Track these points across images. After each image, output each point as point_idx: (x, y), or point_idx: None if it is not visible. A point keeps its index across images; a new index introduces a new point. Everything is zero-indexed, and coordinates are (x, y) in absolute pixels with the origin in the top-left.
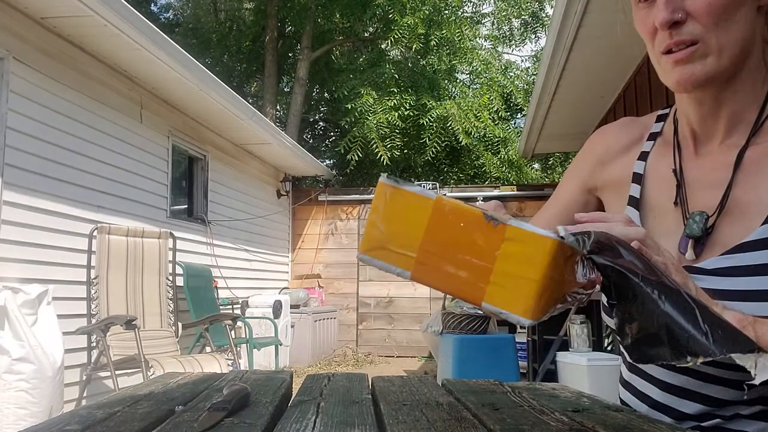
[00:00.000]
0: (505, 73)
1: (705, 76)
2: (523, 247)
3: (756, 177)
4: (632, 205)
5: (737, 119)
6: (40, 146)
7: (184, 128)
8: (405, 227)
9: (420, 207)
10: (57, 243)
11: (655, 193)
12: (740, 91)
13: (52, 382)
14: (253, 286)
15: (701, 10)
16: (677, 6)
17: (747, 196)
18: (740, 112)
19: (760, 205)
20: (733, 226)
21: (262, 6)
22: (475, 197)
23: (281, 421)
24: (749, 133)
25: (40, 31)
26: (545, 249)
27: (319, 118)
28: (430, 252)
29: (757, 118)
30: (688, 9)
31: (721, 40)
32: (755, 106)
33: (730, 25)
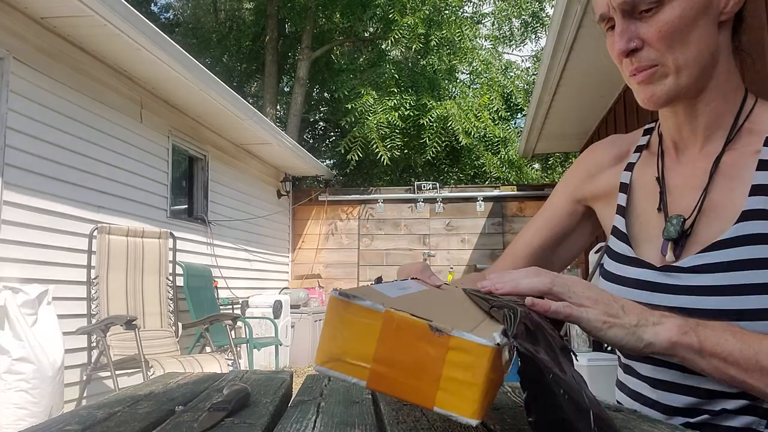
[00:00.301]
0: (505, 73)
1: (667, 95)
2: (466, 355)
3: (732, 180)
4: (620, 213)
5: (714, 127)
6: (40, 146)
7: (184, 128)
8: (358, 339)
9: (370, 320)
10: (57, 243)
11: (641, 201)
12: (712, 102)
13: (53, 382)
14: (254, 286)
15: (654, 37)
16: (632, 35)
17: (723, 198)
18: (716, 120)
19: (734, 207)
20: (710, 226)
21: (262, 6)
22: (475, 197)
23: (281, 422)
24: (725, 139)
25: (40, 31)
26: (485, 356)
27: (320, 118)
28: (383, 362)
29: (732, 125)
30: (642, 37)
31: (678, 61)
32: (730, 114)
33: (685, 46)
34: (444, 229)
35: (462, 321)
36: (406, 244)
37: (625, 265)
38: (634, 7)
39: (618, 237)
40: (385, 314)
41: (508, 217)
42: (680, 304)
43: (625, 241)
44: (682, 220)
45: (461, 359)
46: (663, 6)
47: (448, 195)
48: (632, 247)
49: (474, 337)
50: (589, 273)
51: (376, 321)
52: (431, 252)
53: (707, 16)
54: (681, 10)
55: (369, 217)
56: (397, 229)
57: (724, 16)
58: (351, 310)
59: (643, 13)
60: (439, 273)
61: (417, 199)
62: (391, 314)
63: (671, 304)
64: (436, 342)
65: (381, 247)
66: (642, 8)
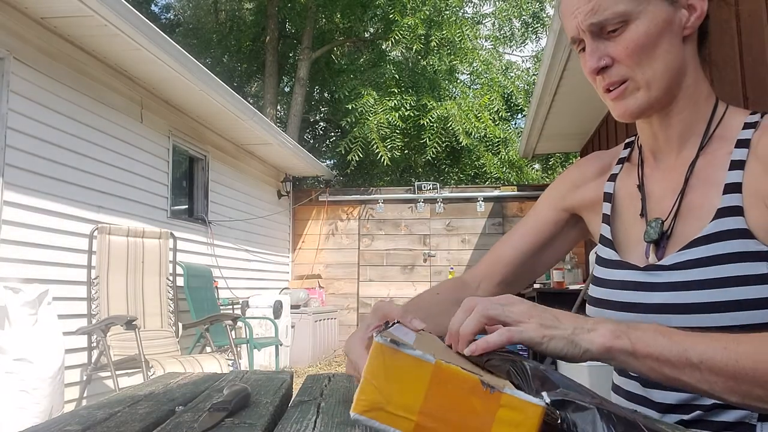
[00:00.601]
0: (505, 74)
1: (639, 108)
2: (517, 414)
3: (706, 182)
4: (605, 222)
5: (687, 134)
6: (40, 146)
7: (185, 128)
8: (404, 390)
9: (419, 371)
10: (57, 243)
11: (624, 209)
12: (684, 110)
13: (53, 382)
14: (254, 287)
15: (622, 54)
16: (602, 54)
17: (699, 199)
18: (689, 128)
19: (711, 206)
20: (689, 226)
21: (262, 6)
22: (475, 197)
23: (281, 422)
24: (699, 145)
25: (41, 31)
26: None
27: (320, 119)
28: (429, 415)
29: (705, 131)
30: (611, 55)
31: (646, 76)
32: (703, 121)
33: (653, 61)
34: (444, 230)
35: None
36: (406, 245)
37: (611, 268)
38: (601, 28)
39: (604, 244)
40: (435, 366)
41: (509, 218)
42: (663, 300)
43: (610, 247)
44: (660, 222)
45: (512, 417)
46: (628, 25)
47: (448, 195)
48: (618, 252)
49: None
50: (589, 273)
51: (424, 372)
52: (431, 252)
53: (671, 32)
54: (645, 28)
55: (369, 218)
56: (398, 230)
57: (687, 31)
58: (399, 358)
59: (611, 33)
60: (439, 273)
61: (417, 200)
62: (441, 366)
63: (654, 301)
64: (486, 398)
65: (381, 247)
66: (609, 29)
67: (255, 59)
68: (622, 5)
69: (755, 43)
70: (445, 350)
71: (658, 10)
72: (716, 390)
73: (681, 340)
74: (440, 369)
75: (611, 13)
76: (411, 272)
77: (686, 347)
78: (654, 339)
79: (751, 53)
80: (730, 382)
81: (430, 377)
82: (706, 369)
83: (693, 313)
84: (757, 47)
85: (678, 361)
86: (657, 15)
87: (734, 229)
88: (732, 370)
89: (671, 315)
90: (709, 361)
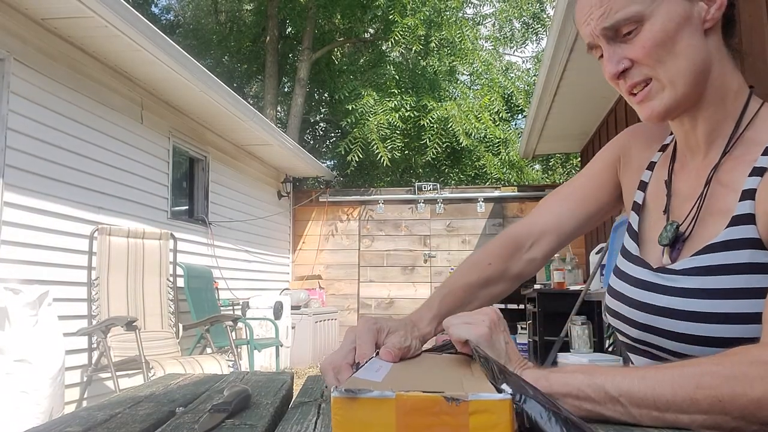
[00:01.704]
0: (505, 74)
1: (665, 108)
2: (489, 415)
3: (727, 187)
4: (635, 210)
5: (714, 135)
6: (40, 147)
7: (185, 129)
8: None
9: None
10: (58, 244)
11: (652, 202)
12: (711, 108)
13: (53, 383)
14: (254, 287)
15: (640, 54)
16: (620, 57)
17: (719, 205)
18: (715, 128)
19: (728, 212)
20: (705, 231)
21: (262, 7)
22: (475, 198)
23: (282, 423)
24: (724, 148)
25: (41, 32)
26: (507, 410)
27: (320, 119)
28: None
29: (732, 133)
30: (629, 56)
31: (669, 73)
32: (731, 120)
33: (674, 57)
34: (445, 230)
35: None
36: (406, 245)
37: (630, 263)
38: (616, 31)
39: (630, 235)
40: (396, 399)
41: (509, 218)
42: (671, 305)
43: (634, 239)
44: (675, 226)
45: (485, 420)
46: (643, 25)
47: (448, 196)
48: (640, 245)
49: (491, 395)
50: (590, 274)
51: (388, 409)
52: (432, 253)
53: (690, 26)
54: (661, 25)
55: (369, 218)
56: (398, 230)
57: (708, 24)
58: (359, 404)
59: (626, 36)
60: (439, 274)
61: (417, 200)
62: (403, 397)
63: (663, 304)
64: (455, 411)
65: (381, 248)
66: (624, 31)
67: (255, 60)
68: (635, 6)
69: (756, 43)
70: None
71: (673, 6)
72: (644, 423)
73: (600, 375)
74: (402, 400)
75: (624, 15)
76: (411, 273)
77: (603, 381)
78: (573, 378)
79: (752, 53)
80: (653, 412)
81: (395, 411)
82: (627, 401)
83: (695, 321)
84: (757, 47)
85: (597, 395)
86: (672, 11)
87: (746, 238)
88: (651, 400)
89: (677, 320)
90: (627, 393)
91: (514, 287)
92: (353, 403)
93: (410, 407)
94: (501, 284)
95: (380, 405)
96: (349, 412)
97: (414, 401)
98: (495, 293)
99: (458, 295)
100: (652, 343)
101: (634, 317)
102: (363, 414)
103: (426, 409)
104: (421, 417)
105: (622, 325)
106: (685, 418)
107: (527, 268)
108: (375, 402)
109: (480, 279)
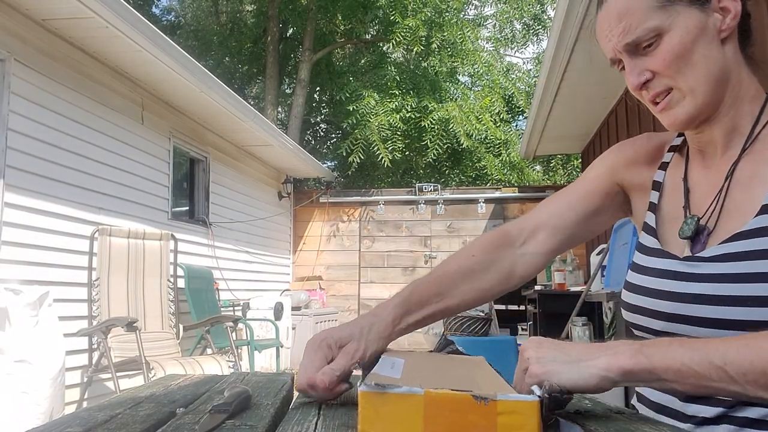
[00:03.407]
0: (506, 75)
1: (688, 116)
2: (516, 416)
3: (750, 180)
4: (651, 210)
5: (733, 134)
6: (41, 148)
7: (186, 130)
8: (402, 428)
9: (411, 405)
10: (58, 245)
11: (670, 201)
12: (729, 113)
13: (53, 384)
14: (255, 288)
15: (661, 65)
16: (641, 69)
17: (742, 196)
18: (735, 128)
19: (754, 203)
20: (731, 221)
21: (263, 8)
22: (476, 199)
23: (282, 424)
24: (743, 144)
25: (42, 32)
26: (534, 411)
27: (321, 120)
28: None
29: (751, 131)
30: (650, 68)
31: (689, 82)
32: (749, 119)
33: (693, 67)
34: (445, 231)
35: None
36: (407, 246)
37: (652, 257)
38: (636, 46)
39: (648, 232)
40: (425, 396)
41: (510, 219)
42: (701, 291)
43: (653, 236)
44: (696, 219)
45: (512, 421)
46: (662, 38)
47: (449, 197)
48: (660, 241)
49: (519, 396)
50: (590, 275)
51: (417, 404)
52: (432, 254)
53: (705, 36)
54: (679, 37)
55: (370, 219)
56: (399, 231)
57: (724, 33)
58: (388, 399)
59: (647, 49)
60: None
61: (418, 201)
62: (431, 394)
63: (692, 291)
64: (482, 411)
65: (382, 248)
66: (644, 45)
67: (256, 61)
68: (653, 20)
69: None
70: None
71: (690, 19)
72: (749, 390)
73: (700, 347)
74: (431, 397)
75: (643, 30)
76: (412, 274)
77: (707, 352)
78: (671, 351)
79: None
80: (761, 378)
81: (424, 407)
82: (733, 370)
83: (726, 305)
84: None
85: (701, 367)
86: (689, 23)
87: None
88: (760, 366)
89: (705, 305)
90: (733, 362)
91: (512, 284)
92: (381, 398)
93: (438, 404)
94: (487, 277)
95: (408, 401)
96: (377, 406)
97: (442, 398)
98: (481, 287)
99: (432, 283)
100: (678, 334)
101: (660, 308)
102: (391, 409)
103: (454, 407)
104: (448, 414)
105: (645, 319)
106: None
107: (521, 263)
108: (403, 398)
109: (460, 269)
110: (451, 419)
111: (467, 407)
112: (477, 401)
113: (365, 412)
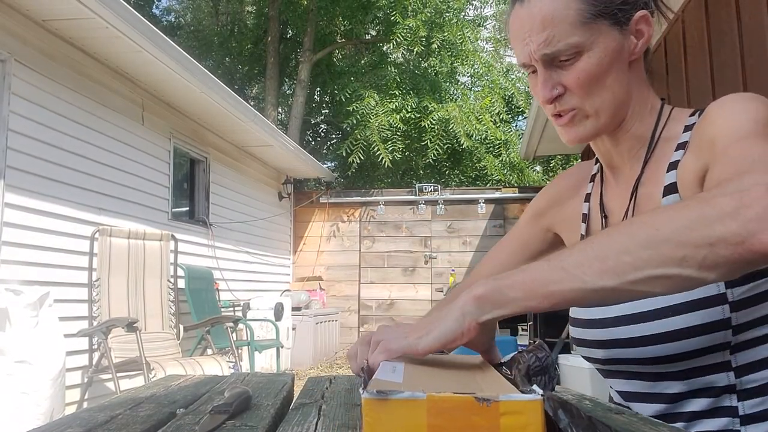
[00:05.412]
0: (506, 76)
1: (588, 134)
2: (519, 416)
3: (653, 188)
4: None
5: (636, 147)
6: (41, 148)
7: (186, 130)
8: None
9: (414, 410)
10: (58, 245)
11: (594, 229)
12: (631, 129)
13: (54, 384)
14: (255, 288)
15: (574, 84)
16: (554, 83)
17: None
18: (637, 141)
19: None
20: None
21: (263, 8)
22: (476, 199)
23: (283, 424)
24: (644, 157)
25: (42, 33)
26: (538, 410)
27: (321, 121)
28: None
29: (650, 141)
30: (563, 83)
31: (595, 105)
32: (649, 131)
33: (602, 90)
34: (445, 231)
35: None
36: (407, 246)
37: None
38: (554, 58)
39: None
40: (427, 400)
41: (510, 219)
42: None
43: None
44: None
45: (515, 421)
46: (581, 56)
47: (449, 197)
48: None
49: (522, 396)
50: None
51: (419, 410)
52: (432, 254)
53: (620, 60)
54: (597, 59)
55: (370, 219)
56: (399, 231)
57: (634, 56)
58: (391, 406)
59: (563, 62)
60: (440, 275)
61: (418, 201)
62: (434, 398)
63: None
64: (485, 412)
65: (382, 249)
66: (562, 58)
67: (256, 62)
68: (576, 37)
69: (756, 46)
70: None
71: (610, 40)
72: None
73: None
74: (433, 401)
75: (565, 45)
76: (412, 274)
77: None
78: (520, 270)
79: (752, 55)
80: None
81: (427, 412)
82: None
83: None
84: (757, 49)
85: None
86: (608, 45)
87: None
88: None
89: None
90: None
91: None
92: (385, 404)
93: (441, 408)
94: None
95: (411, 406)
96: (380, 413)
97: (445, 402)
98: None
99: None
100: (618, 359)
101: (595, 337)
102: (394, 415)
103: (457, 410)
104: (452, 418)
105: (589, 351)
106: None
107: None
108: (406, 403)
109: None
110: (455, 422)
111: (470, 409)
112: (479, 403)
113: (368, 420)
